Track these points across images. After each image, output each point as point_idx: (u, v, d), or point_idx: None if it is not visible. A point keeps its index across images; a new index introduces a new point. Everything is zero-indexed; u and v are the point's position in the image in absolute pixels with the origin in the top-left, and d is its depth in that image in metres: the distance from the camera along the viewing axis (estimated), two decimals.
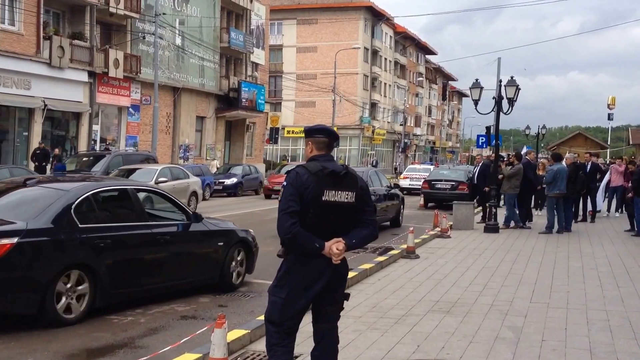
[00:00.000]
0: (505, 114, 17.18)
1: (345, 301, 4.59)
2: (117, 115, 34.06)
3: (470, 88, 17.69)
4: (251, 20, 46.26)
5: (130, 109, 34.31)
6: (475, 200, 19.79)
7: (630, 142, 44.85)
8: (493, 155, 18.38)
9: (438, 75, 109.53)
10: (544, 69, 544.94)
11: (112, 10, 31.33)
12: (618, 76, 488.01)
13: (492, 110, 17.19)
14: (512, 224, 17.58)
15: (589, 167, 20.10)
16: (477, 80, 17.62)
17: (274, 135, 41.99)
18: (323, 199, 4.27)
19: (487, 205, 17.78)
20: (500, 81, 17.02)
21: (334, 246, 4.25)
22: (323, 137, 4.48)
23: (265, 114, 47.97)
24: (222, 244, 9.17)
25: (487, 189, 17.73)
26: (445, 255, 12.68)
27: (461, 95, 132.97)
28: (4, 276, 6.65)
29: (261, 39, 48.82)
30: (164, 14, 32.75)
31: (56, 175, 16.25)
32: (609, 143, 53.49)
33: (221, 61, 42.66)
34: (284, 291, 4.33)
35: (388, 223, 18.44)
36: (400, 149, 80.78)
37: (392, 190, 18.88)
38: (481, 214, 19.64)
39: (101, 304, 7.50)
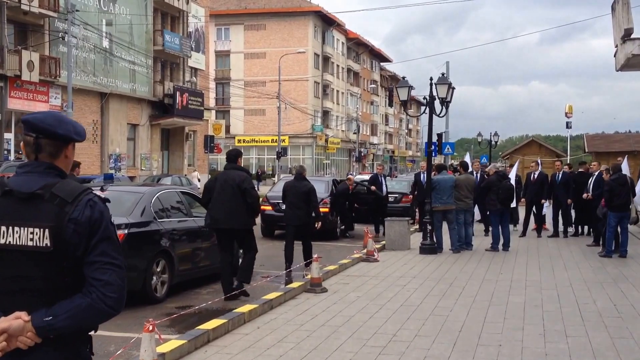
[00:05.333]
0: (438, 116, 14.86)
1: None
2: None
3: (396, 87, 15.36)
4: (188, 22, 43.65)
5: None
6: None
7: (586, 150, 43.35)
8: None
9: (395, 83, 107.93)
10: (507, 79, 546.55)
11: (24, 8, 28.58)
12: (577, 86, 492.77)
13: (424, 112, 14.86)
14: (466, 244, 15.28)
15: (559, 176, 17.90)
16: (404, 78, 15.30)
17: (209, 143, 39.27)
18: None
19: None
20: (431, 79, 14.62)
21: None
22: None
23: (206, 121, 45.38)
24: None
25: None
26: (361, 288, 10.32)
27: (419, 103, 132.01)
28: None
29: (202, 43, 46.27)
30: (77, 10, 29.85)
31: None
32: (568, 151, 52.20)
33: (155, 65, 40.00)
34: None
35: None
36: (355, 158, 78.59)
37: None
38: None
39: None
